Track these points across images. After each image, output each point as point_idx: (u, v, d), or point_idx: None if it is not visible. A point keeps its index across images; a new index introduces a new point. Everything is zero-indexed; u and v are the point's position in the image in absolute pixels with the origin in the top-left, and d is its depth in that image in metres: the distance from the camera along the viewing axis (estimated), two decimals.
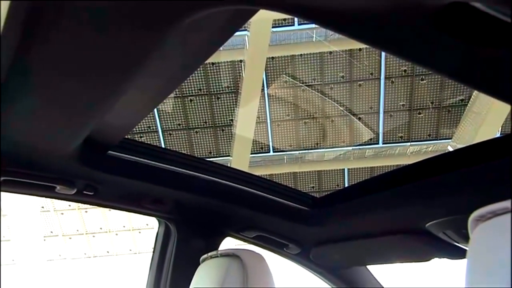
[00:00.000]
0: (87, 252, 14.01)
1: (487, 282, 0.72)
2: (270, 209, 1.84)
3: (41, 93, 1.20)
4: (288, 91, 9.01)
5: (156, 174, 1.68)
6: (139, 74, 1.11)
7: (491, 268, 0.72)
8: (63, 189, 1.63)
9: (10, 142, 1.43)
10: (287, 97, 9.09)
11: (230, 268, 1.47)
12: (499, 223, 0.72)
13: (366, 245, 1.82)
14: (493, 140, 1.33)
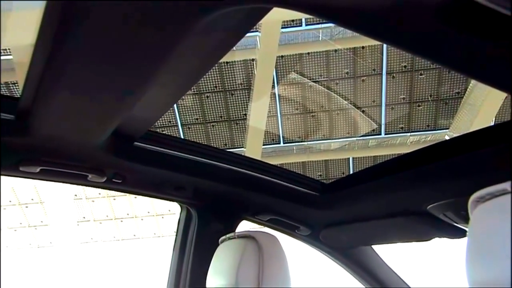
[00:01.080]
0: (116, 235, 14.16)
1: (487, 258, 0.72)
2: (283, 194, 1.84)
3: (74, 89, 1.20)
4: (296, 86, 8.99)
5: (178, 163, 1.68)
6: (161, 71, 1.11)
7: (490, 245, 0.71)
8: (94, 178, 1.64)
9: (46, 135, 1.44)
10: (296, 92, 9.07)
11: (247, 249, 1.47)
12: (497, 204, 0.72)
13: (371, 227, 1.81)
14: (488, 129, 1.31)
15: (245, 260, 1.45)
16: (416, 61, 8.81)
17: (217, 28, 0.97)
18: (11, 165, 1.55)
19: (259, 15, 0.97)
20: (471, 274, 0.74)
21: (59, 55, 1.07)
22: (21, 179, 1.83)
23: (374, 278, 2.07)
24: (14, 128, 1.41)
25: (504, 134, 1.20)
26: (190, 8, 0.88)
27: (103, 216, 13.72)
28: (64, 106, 1.30)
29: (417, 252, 8.27)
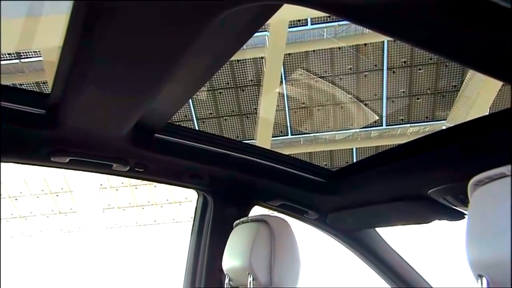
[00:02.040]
0: (138, 221, 14.28)
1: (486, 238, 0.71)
2: (292, 181, 1.83)
3: (99, 85, 1.20)
4: (303, 82, 8.96)
5: (195, 153, 1.68)
6: (178, 67, 1.11)
7: (489, 225, 0.71)
8: (118, 167, 1.65)
9: (74, 127, 1.44)
10: (302, 87, 9.04)
11: (259, 232, 1.47)
12: (495, 186, 0.71)
13: (375, 211, 1.80)
14: (483, 118, 1.29)
15: (258, 243, 1.45)
16: (415, 56, 8.72)
17: (230, 25, 0.97)
18: (43, 156, 1.56)
19: (270, 12, 0.96)
20: (471, 253, 0.73)
21: (84, 54, 1.07)
22: (52, 169, 1.85)
23: (377, 258, 2.06)
24: (45, 122, 1.42)
25: (498, 123, 1.19)
26: (204, 7, 0.87)
27: (126, 203, 13.85)
28: (90, 101, 1.30)
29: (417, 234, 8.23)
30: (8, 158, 1.70)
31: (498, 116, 1.23)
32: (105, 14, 0.92)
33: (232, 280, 1.57)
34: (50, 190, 12.94)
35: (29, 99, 1.43)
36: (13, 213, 13.00)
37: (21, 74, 8.00)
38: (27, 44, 6.05)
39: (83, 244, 11.97)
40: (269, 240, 1.45)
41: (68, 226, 13.76)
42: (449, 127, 1.41)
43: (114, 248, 12.37)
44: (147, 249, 12.29)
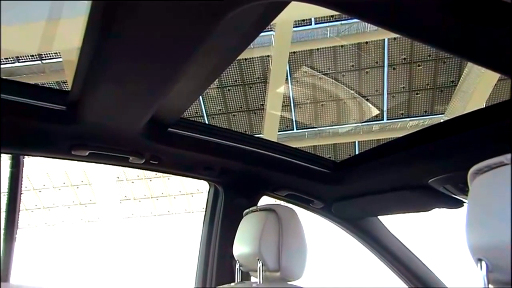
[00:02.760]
0: (153, 211, 14.37)
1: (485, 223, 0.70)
2: (299, 172, 1.83)
3: (115, 82, 1.21)
4: (307, 79, 8.93)
5: (207, 146, 1.68)
6: (190, 64, 1.10)
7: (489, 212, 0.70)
8: (134, 160, 1.65)
9: (93, 122, 1.45)
10: (306, 84, 9.01)
11: (268, 220, 1.47)
12: (495, 175, 0.70)
13: (377, 200, 1.79)
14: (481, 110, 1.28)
15: (267, 230, 1.45)
16: (415, 53, 8.65)
17: (238, 24, 0.96)
18: (65, 150, 1.57)
19: (276, 10, 0.95)
20: (471, 238, 0.73)
21: (102, 54, 1.07)
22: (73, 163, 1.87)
23: (380, 245, 2.05)
24: (66, 117, 1.42)
25: (495, 115, 1.18)
26: (213, 6, 0.86)
27: (142, 195, 13.93)
28: (107, 97, 1.31)
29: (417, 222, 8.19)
30: (32, 152, 1.71)
31: (494, 109, 1.21)
32: (120, 16, 0.92)
33: (243, 266, 1.57)
34: (71, 183, 13.06)
35: (51, 96, 1.44)
36: (37, 204, 13.16)
37: (42, 74, 8.05)
38: (48, 46, 6.09)
39: (102, 232, 12.09)
40: (277, 228, 1.45)
41: (88, 216, 13.89)
42: (448, 119, 1.39)
43: (131, 236, 12.48)
44: (162, 237, 12.37)
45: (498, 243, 0.65)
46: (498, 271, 0.67)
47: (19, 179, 1.78)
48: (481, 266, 0.69)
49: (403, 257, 2.05)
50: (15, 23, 4.64)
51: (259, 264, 1.42)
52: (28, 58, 7.92)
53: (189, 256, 2.73)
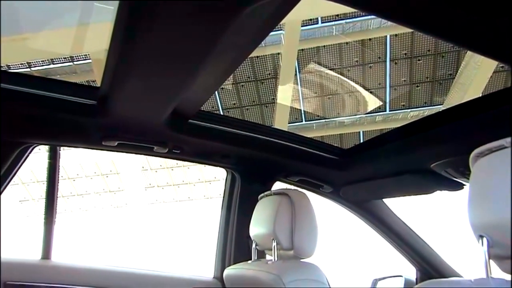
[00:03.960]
0: (175, 197, 14.50)
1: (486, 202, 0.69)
2: (309, 159, 1.81)
3: (141, 78, 1.21)
4: (315, 74, 8.86)
5: (225, 136, 1.67)
6: (208, 60, 1.09)
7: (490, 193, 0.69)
8: (158, 149, 1.66)
9: (121, 115, 1.46)
10: (314, 79, 8.94)
11: (281, 203, 1.47)
12: (495, 157, 0.69)
13: (383, 184, 1.77)
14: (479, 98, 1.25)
15: (280, 213, 1.45)
16: (415, 49, 8.50)
17: (253, 20, 0.94)
18: (96, 141, 1.59)
19: (288, 6, 0.93)
20: (473, 216, 0.72)
21: (128, 54, 1.07)
22: (102, 154, 1.88)
23: (384, 225, 2.04)
24: (96, 111, 1.43)
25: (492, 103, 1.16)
26: (229, 4, 0.85)
27: (164, 183, 14.05)
28: (133, 92, 1.31)
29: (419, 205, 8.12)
30: (67, 143, 1.73)
31: (493, 96, 1.19)
32: (143, 19, 0.92)
33: (258, 245, 1.57)
34: (101, 172, 13.24)
35: (83, 92, 1.45)
36: (72, 191, 13.39)
37: (74, 74, 8.14)
38: (79, 49, 6.14)
39: (130, 217, 12.28)
40: (290, 210, 1.45)
41: (117, 202, 14.08)
42: (449, 107, 1.36)
43: (156, 220, 12.64)
44: (183, 220, 12.51)
45: (499, 221, 0.65)
46: (498, 246, 0.67)
47: (57, 169, 1.81)
48: (482, 242, 0.69)
49: (406, 237, 2.04)
50: (49, 29, 4.69)
51: (274, 243, 1.43)
52: (61, 60, 8.01)
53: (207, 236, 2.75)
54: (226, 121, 1.69)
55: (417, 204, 5.98)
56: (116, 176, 13.26)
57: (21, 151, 1.59)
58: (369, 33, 8.11)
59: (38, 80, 1.46)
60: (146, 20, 0.92)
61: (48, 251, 1.77)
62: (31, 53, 5.64)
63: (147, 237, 10.96)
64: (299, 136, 1.82)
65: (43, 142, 1.66)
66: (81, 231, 11.07)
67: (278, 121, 8.64)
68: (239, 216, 1.92)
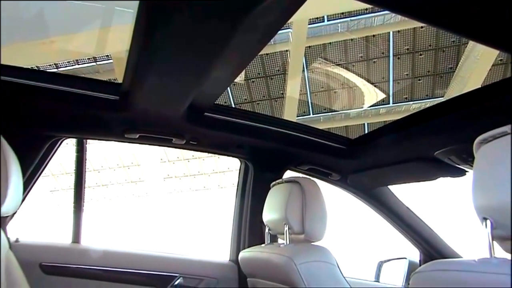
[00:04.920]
0: (191, 187, 14.58)
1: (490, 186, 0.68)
2: (318, 148, 1.80)
3: (160, 74, 1.21)
4: (321, 69, 8.78)
5: (238, 127, 1.67)
6: (222, 56, 1.09)
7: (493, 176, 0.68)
8: (176, 140, 1.66)
9: (141, 109, 1.46)
10: (321, 74, 8.86)
11: (293, 190, 1.46)
12: (498, 143, 0.68)
13: (388, 171, 1.75)
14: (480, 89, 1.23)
15: (292, 199, 1.44)
16: (417, 44, 8.35)
17: (263, 18, 0.93)
18: (118, 133, 1.60)
19: (298, 3, 0.92)
20: (477, 200, 0.70)
21: (147, 51, 1.08)
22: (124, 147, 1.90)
23: (390, 211, 2.02)
24: (119, 106, 1.44)
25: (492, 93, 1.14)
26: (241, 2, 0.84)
27: (181, 173, 14.12)
28: (153, 88, 1.31)
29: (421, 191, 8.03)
30: (92, 136, 1.75)
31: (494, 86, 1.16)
32: (162, 18, 0.91)
33: (271, 230, 1.57)
34: (123, 164, 13.39)
35: (106, 89, 1.46)
36: (97, 182, 13.58)
37: (97, 73, 8.21)
38: (101, 50, 6.18)
39: (149, 205, 12.42)
40: (301, 197, 1.44)
41: (138, 192, 14.25)
42: (451, 98, 1.33)
43: (174, 208, 12.76)
44: (199, 208, 12.60)
45: (501, 203, 0.64)
46: (501, 227, 0.66)
47: (83, 161, 1.84)
48: (486, 224, 0.67)
49: (410, 221, 2.02)
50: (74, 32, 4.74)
51: (286, 228, 1.42)
52: (85, 61, 8.08)
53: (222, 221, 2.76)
54: (240, 113, 1.68)
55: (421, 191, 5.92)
56: (137, 167, 13.39)
57: (51, 144, 1.62)
58: (373, 30, 8.00)
59: (65, 78, 1.48)
60: (163, 20, 0.92)
61: (78, 236, 1.80)
62: (58, 54, 5.70)
63: (167, 224, 11.09)
64: (309, 127, 1.81)
65: (71, 136, 1.68)
66: (106, 218, 11.25)
67: (287, 115, 8.61)
68: (253, 203, 1.92)
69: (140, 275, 1.77)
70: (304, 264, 1.30)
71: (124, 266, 1.76)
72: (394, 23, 7.54)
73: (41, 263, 1.66)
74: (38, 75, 1.41)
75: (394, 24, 7.69)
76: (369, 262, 2.36)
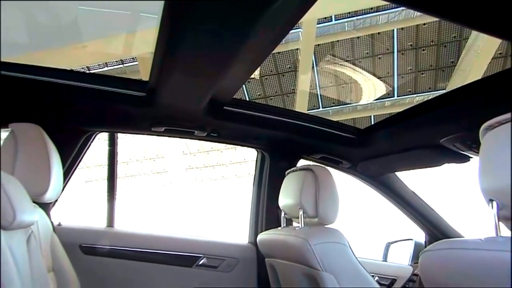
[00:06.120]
0: (211, 177, 14.68)
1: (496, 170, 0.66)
2: (330, 138, 1.78)
3: (183, 72, 1.21)
4: (330, 66, 8.66)
5: (255, 120, 1.66)
6: (240, 53, 1.08)
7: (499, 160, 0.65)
8: (198, 133, 1.67)
9: (166, 104, 1.47)
10: (329, 70, 8.75)
11: (306, 177, 1.45)
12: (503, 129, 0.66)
13: (396, 159, 1.72)
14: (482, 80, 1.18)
15: (306, 185, 1.43)
16: (420, 40, 8.14)
17: (279, 15, 0.91)
18: (146, 127, 1.61)
19: (309, 2, 0.90)
20: (483, 183, 0.68)
21: (171, 51, 1.08)
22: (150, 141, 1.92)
23: (398, 196, 1.99)
24: (146, 102, 1.45)
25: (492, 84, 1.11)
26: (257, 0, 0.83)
27: (201, 164, 14.23)
28: (177, 85, 1.31)
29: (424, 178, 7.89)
30: (122, 130, 1.77)
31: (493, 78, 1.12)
32: (184, 20, 0.91)
33: (287, 214, 1.57)
34: (149, 157, 13.57)
35: (134, 86, 1.47)
36: (126, 173, 13.83)
37: (124, 74, 8.30)
38: (128, 53, 6.25)
39: (173, 193, 12.59)
40: (314, 183, 1.43)
41: (162, 182, 14.45)
42: (455, 88, 1.30)
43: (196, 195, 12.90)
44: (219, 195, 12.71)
45: (507, 185, 0.62)
46: (506, 208, 0.64)
47: (115, 154, 1.87)
48: (492, 205, 0.66)
49: (416, 205, 1.99)
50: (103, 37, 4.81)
51: (300, 212, 1.42)
52: (113, 63, 8.18)
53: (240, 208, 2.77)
54: (257, 107, 1.68)
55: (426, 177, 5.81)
56: (161, 159, 13.56)
57: (86, 138, 1.65)
58: (378, 27, 7.84)
59: (98, 78, 1.49)
60: (185, 22, 0.92)
61: (112, 221, 1.84)
62: (89, 58, 5.78)
63: (190, 210, 11.23)
64: (321, 118, 1.79)
65: (103, 130, 1.71)
66: (135, 205, 11.47)
67: (298, 109, 8.56)
68: (269, 190, 1.92)
69: (167, 256, 1.81)
70: (318, 245, 1.30)
71: (153, 248, 1.80)
72: (398, 20, 7.38)
73: (81, 244, 1.71)
74: (75, 75, 1.44)
75: (398, 21, 7.53)
76: (377, 244, 2.33)
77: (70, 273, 1.26)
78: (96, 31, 4.55)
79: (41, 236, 1.14)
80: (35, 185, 1.13)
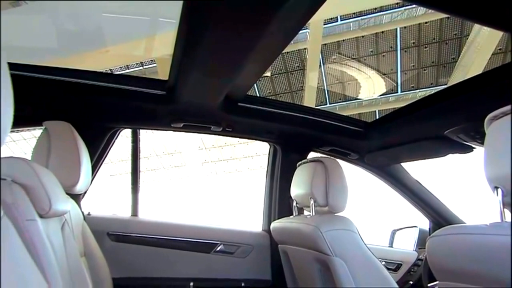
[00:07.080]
0: (225, 170, 14.75)
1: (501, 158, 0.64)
2: (339, 131, 1.76)
3: (200, 71, 1.21)
4: (336, 64, 8.55)
5: (268, 115, 1.66)
6: (253, 51, 1.07)
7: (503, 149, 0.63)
8: (214, 128, 1.67)
9: (185, 102, 1.48)
10: (336, 68, 8.64)
11: (317, 168, 1.44)
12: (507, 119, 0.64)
13: (401, 150, 1.69)
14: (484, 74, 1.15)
15: (316, 176, 1.42)
16: (422, 38, 7.96)
17: (290, 15, 0.90)
18: (166, 123, 1.62)
19: (319, 2, 0.88)
20: (489, 171, 0.67)
21: (189, 52, 1.08)
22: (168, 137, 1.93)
23: (403, 186, 1.96)
24: (166, 99, 1.46)
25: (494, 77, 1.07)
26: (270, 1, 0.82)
27: (216, 159, 14.30)
28: (194, 83, 1.31)
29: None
30: (143, 126, 1.79)
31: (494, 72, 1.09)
32: (201, 23, 0.91)
33: (298, 203, 1.57)
34: (167, 152, 13.72)
35: (155, 85, 1.48)
36: (147, 167, 14.03)
37: (144, 75, 8.38)
38: (147, 55, 6.30)
39: (190, 186, 12.71)
40: (324, 174, 1.42)
41: (180, 175, 14.60)
42: (458, 82, 1.26)
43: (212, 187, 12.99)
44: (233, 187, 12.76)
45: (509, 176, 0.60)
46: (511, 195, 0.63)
47: (138, 149, 1.89)
48: (497, 192, 0.65)
49: (421, 194, 1.96)
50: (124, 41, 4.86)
51: (311, 201, 1.41)
52: (134, 66, 8.26)
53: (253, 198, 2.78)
54: (269, 103, 1.67)
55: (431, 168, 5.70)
56: (179, 154, 13.70)
57: (111, 134, 1.67)
58: (381, 27, 7.71)
59: (121, 78, 1.51)
60: (201, 25, 0.91)
61: (136, 210, 1.87)
62: (112, 61, 5.86)
63: (206, 201, 11.33)
64: (330, 112, 1.78)
65: (127, 126, 1.73)
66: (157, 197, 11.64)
67: (306, 104, 8.51)
68: (281, 181, 1.92)
69: (187, 243, 1.82)
70: (329, 232, 1.29)
71: (174, 235, 1.82)
72: (401, 20, 7.24)
73: (108, 232, 1.74)
74: (100, 77, 1.45)
75: (401, 21, 7.39)
76: (384, 231, 2.31)
77: (99, 257, 1.29)
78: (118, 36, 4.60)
79: (73, 224, 1.16)
80: (66, 177, 1.15)
